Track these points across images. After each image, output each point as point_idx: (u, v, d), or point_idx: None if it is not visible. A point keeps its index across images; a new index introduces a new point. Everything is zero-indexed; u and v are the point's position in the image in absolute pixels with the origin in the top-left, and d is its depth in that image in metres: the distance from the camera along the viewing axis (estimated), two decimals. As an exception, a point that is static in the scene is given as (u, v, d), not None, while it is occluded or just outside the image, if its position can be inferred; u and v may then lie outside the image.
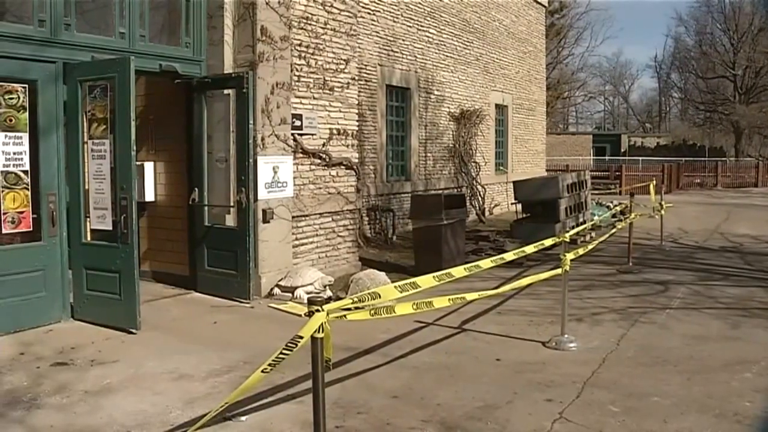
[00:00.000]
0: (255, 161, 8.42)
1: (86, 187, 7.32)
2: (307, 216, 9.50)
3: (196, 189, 8.72)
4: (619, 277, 10.05)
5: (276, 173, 8.76)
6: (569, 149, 47.00)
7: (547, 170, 24.95)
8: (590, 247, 8.31)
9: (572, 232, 8.02)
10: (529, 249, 6.70)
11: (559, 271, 6.68)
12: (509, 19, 21.08)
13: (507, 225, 14.86)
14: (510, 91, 21.25)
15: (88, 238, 7.36)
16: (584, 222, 13.93)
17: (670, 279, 9.82)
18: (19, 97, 6.78)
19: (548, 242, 7.02)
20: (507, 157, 21.29)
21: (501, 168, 20.69)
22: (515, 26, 21.58)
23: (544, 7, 24.83)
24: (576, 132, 62.35)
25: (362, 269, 9.91)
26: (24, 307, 6.87)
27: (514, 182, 14.76)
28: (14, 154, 6.75)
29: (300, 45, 9.27)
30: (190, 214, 8.93)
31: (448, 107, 17.08)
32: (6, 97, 6.68)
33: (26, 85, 6.85)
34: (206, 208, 8.75)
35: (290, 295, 8.57)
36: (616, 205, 16.48)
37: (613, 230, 10.72)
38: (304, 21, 9.35)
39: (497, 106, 20.39)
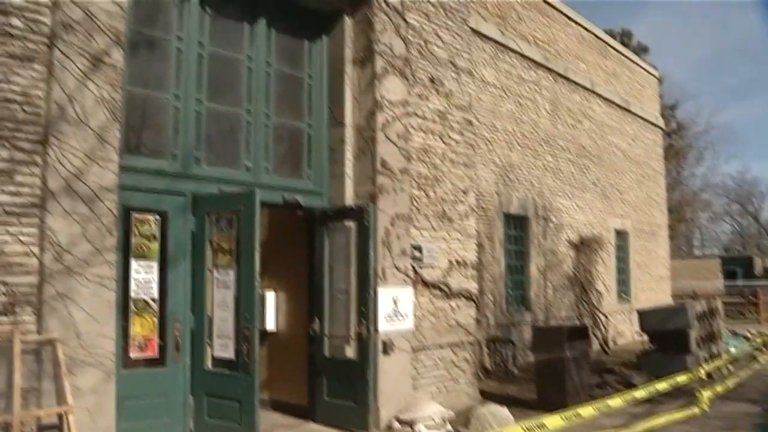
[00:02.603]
0: (375, 292, 8.44)
1: (210, 315, 7.50)
2: (426, 348, 9.35)
3: (317, 319, 8.78)
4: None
5: (396, 305, 8.74)
6: (696, 273, 44.94)
7: (672, 296, 23.87)
8: (729, 382, 7.72)
9: (709, 367, 7.49)
10: (662, 386, 6.31)
11: (695, 409, 6.22)
12: (626, 143, 20.87)
13: (633, 356, 14.14)
14: (629, 216, 20.76)
15: (210, 366, 7.48)
16: (718, 353, 13.06)
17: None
18: (151, 227, 7.16)
19: (682, 379, 6.59)
20: (629, 284, 20.54)
21: (623, 296, 19.95)
22: (632, 149, 21.33)
23: (661, 129, 24.49)
24: (702, 255, 59.87)
25: (482, 403, 9.57)
26: (146, 434, 6.94)
27: (638, 311, 14.13)
28: (144, 281, 7.06)
29: (419, 176, 9.43)
30: (310, 344, 8.97)
31: (567, 234, 16.80)
32: (140, 226, 7.07)
33: (158, 216, 7.25)
34: (326, 338, 8.76)
35: (409, 428, 8.33)
36: (754, 335, 15.44)
37: (755, 363, 9.95)
38: (423, 153, 9.55)
39: (617, 231, 19.90)
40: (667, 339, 13.01)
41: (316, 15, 9.16)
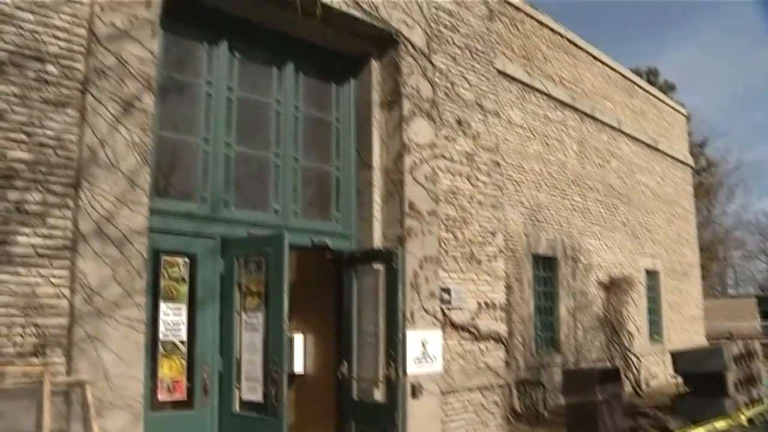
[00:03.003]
0: (404, 335, 8.35)
1: (238, 357, 7.48)
2: (455, 391, 9.24)
3: (345, 362, 8.71)
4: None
5: (425, 347, 8.66)
6: (730, 314, 43.95)
7: (707, 337, 23.43)
8: (772, 429, 7.51)
9: (750, 413, 7.29)
10: (700, 431, 6.14)
11: (736, 458, 6.04)
12: (654, 182, 20.71)
13: (667, 399, 13.87)
14: (660, 256, 20.51)
15: (238, 409, 7.42)
16: (758, 398, 12.71)
17: None
18: (180, 270, 7.19)
19: (721, 424, 6.42)
20: (661, 324, 20.19)
21: (656, 337, 19.61)
22: (661, 188, 21.16)
23: (691, 167, 24.28)
24: (737, 295, 58.72)
25: (513, 447, 9.43)
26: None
27: (671, 353, 13.89)
28: (173, 324, 7.07)
29: (447, 218, 9.41)
30: (338, 387, 8.89)
31: (596, 275, 16.63)
32: (169, 269, 7.10)
33: (187, 259, 7.28)
34: (354, 381, 8.68)
35: (438, 475, 8.20)
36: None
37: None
38: (451, 195, 9.54)
39: (647, 271, 19.65)
40: (703, 382, 12.75)
41: (343, 59, 9.27)
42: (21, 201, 5.66)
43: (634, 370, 16.70)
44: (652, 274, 19.98)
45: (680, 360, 13.30)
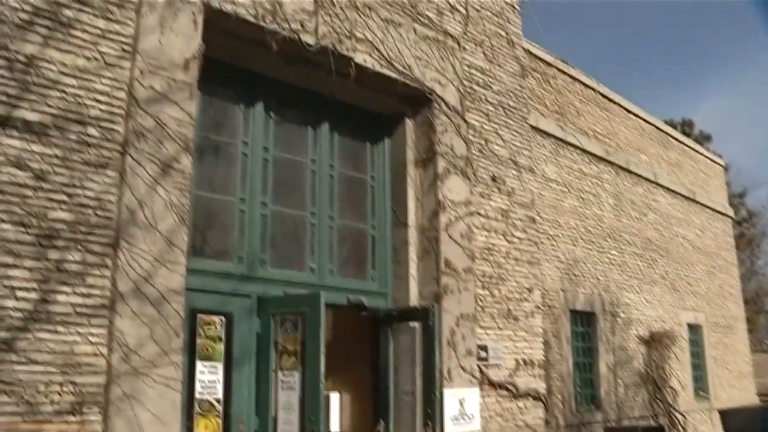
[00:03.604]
0: (441, 394, 8.25)
1: (274, 416, 7.43)
2: (494, 451, 9.06)
3: (382, 421, 8.60)
4: None
5: (462, 406, 8.53)
6: (782, 368, 42.58)
7: (758, 394, 22.67)
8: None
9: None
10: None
11: None
12: (693, 234, 20.37)
13: (715, 459, 13.40)
14: (702, 309, 20.03)
15: (274, 470, 7.36)
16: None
17: None
18: (216, 329, 7.20)
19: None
20: (707, 380, 19.62)
21: (701, 393, 19.03)
22: (701, 240, 20.78)
23: (731, 218, 23.85)
24: (788, 348, 56.92)
25: None
26: None
27: (720, 411, 13.47)
28: (209, 382, 7.05)
29: (483, 275, 9.35)
30: (377, 447, 8.78)
31: (636, 330, 16.27)
32: (205, 328, 7.11)
33: (223, 318, 7.30)
34: (390, 441, 8.57)
35: None
36: None
37: None
38: (486, 252, 9.50)
39: (690, 325, 19.17)
40: (757, 442, 12.28)
41: (377, 118, 9.38)
42: (61, 260, 5.75)
43: (680, 428, 16.20)
44: (694, 328, 19.50)
45: (730, 418, 12.90)
